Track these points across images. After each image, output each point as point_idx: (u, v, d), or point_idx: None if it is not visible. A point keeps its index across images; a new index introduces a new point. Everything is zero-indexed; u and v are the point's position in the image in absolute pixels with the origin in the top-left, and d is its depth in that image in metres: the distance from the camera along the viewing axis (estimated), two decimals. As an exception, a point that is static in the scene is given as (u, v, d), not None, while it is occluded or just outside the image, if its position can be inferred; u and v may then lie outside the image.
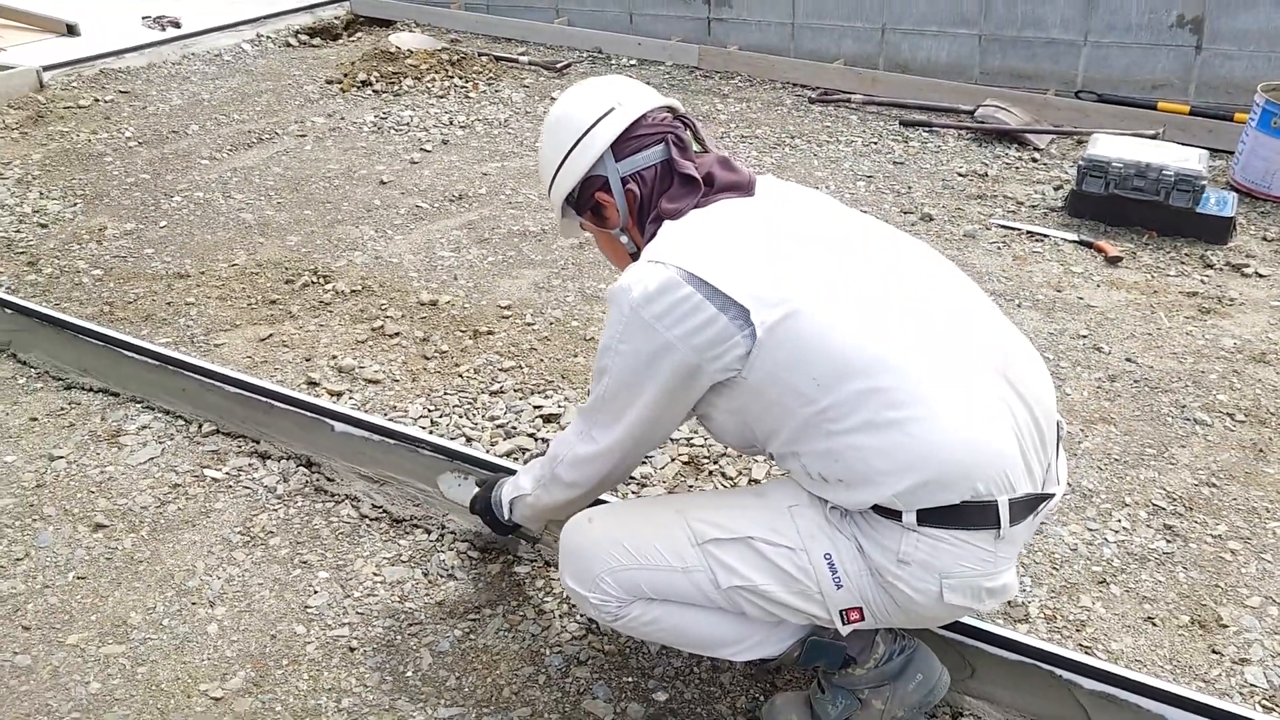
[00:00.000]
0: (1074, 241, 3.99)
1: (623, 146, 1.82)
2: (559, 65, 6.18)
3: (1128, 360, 3.19)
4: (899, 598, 1.63)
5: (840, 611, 1.67)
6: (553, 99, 5.69)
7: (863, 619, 1.68)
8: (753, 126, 5.24)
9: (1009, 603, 2.26)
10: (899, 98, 5.53)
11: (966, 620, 2.03)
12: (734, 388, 1.67)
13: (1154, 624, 2.22)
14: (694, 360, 1.63)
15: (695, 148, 1.88)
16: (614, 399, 1.74)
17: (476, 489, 2.31)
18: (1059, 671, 1.97)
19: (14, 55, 6.04)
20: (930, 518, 1.58)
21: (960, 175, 4.63)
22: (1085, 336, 3.32)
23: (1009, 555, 1.65)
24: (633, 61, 6.37)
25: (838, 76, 5.82)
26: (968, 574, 1.61)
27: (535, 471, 2.02)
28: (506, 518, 2.13)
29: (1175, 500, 2.59)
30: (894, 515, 1.60)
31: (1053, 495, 1.69)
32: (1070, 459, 2.73)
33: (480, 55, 6.34)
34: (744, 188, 1.80)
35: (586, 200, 1.88)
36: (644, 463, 2.63)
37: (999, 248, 3.95)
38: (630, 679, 2.06)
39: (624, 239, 1.90)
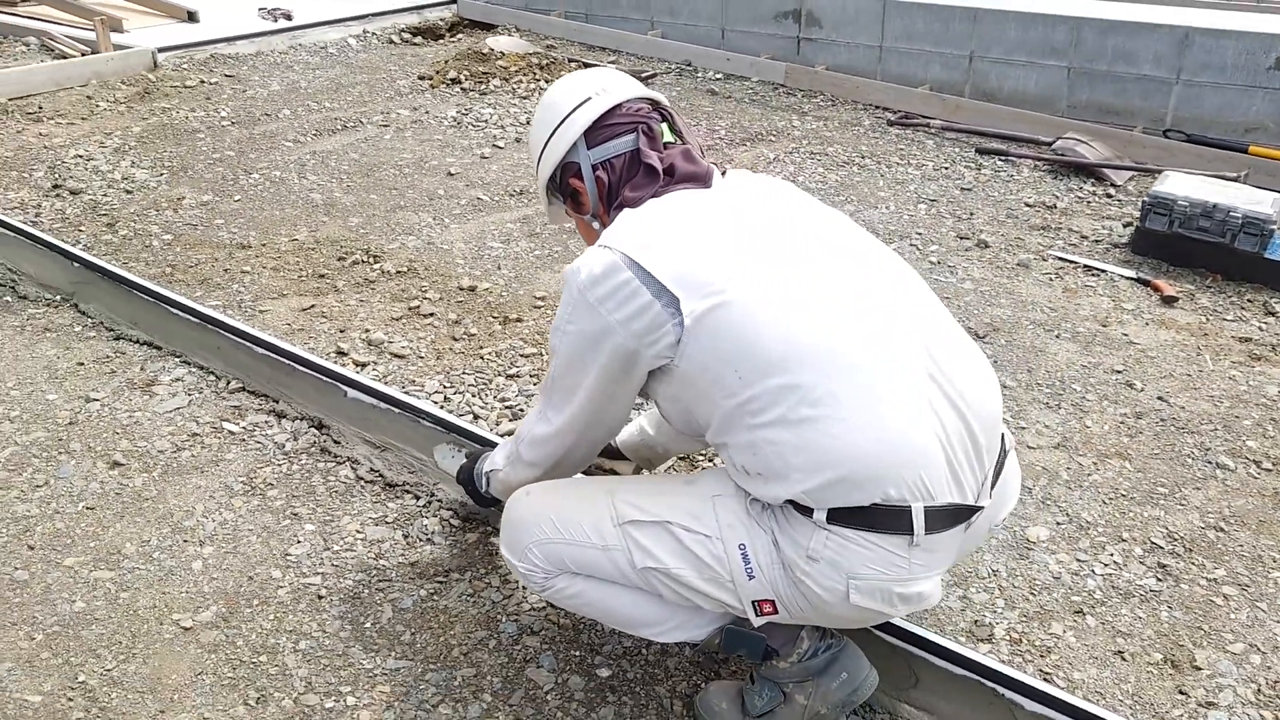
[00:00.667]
0: (1130, 278, 3.88)
1: (595, 134, 1.86)
2: (644, 75, 6.27)
3: (1159, 399, 3.09)
4: (809, 594, 1.64)
5: (753, 603, 1.68)
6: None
7: (776, 612, 1.69)
8: (825, 144, 5.24)
9: (975, 621, 2.23)
10: (979, 125, 5.45)
11: (914, 630, 2.02)
12: (669, 375, 1.70)
13: (1123, 658, 2.16)
14: (632, 345, 1.67)
15: (670, 139, 1.90)
16: (563, 379, 1.79)
17: (465, 459, 2.38)
18: (1002, 690, 1.94)
19: (135, 36, 6.42)
20: (840, 517, 1.58)
21: (1027, 205, 4.55)
22: (1120, 372, 3.23)
23: (927, 563, 1.63)
24: (719, 76, 6.43)
25: (921, 101, 5.77)
26: (876, 577, 1.60)
27: (506, 448, 2.08)
28: (484, 490, 2.19)
29: (1176, 540, 2.51)
30: (807, 512, 1.60)
31: (981, 508, 1.67)
32: (1074, 490, 2.67)
33: (570, 61, 6.48)
34: (700, 179, 1.82)
35: (565, 185, 1.93)
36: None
37: (1051, 279, 3.86)
38: (578, 653, 2.10)
39: (596, 225, 1.94)
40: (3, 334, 3.23)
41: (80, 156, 4.71)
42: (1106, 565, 2.42)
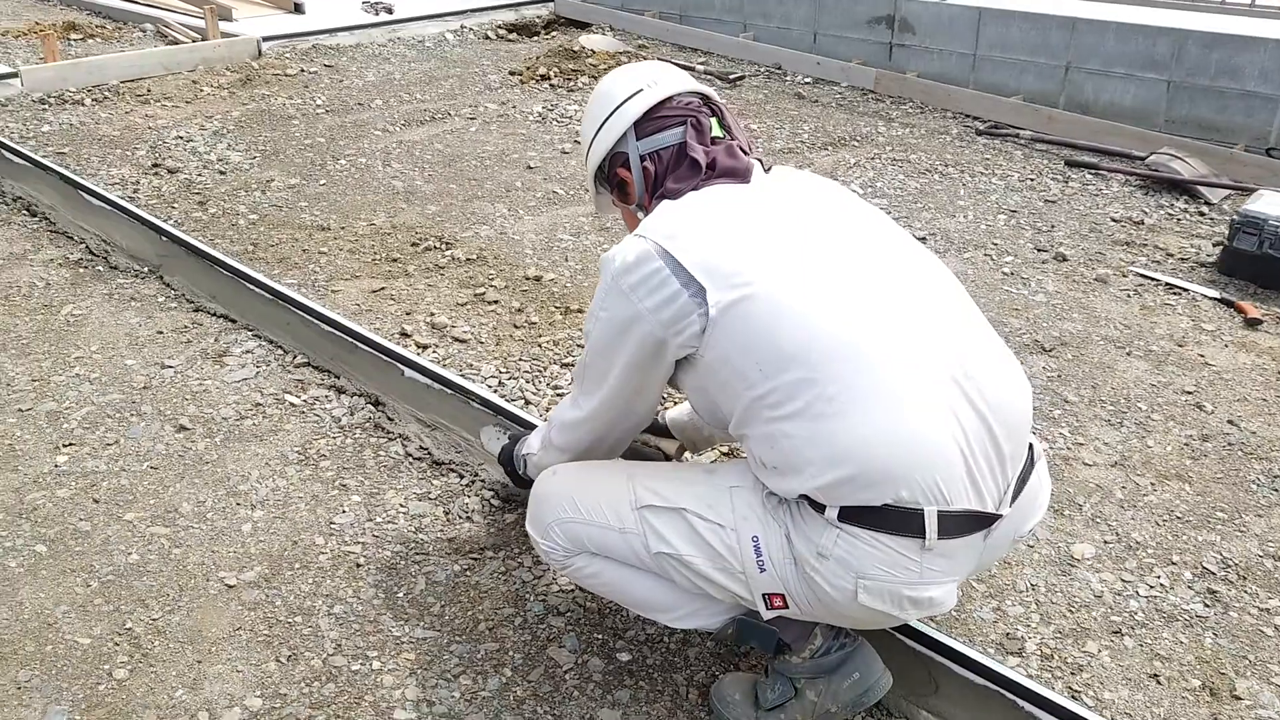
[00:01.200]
0: (1213, 299, 3.75)
1: (645, 126, 1.88)
2: (732, 76, 6.28)
3: (1229, 423, 2.98)
4: (818, 591, 1.63)
5: (764, 595, 1.69)
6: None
7: (786, 606, 1.69)
8: (908, 151, 5.17)
9: (1007, 634, 2.19)
10: (1071, 138, 5.32)
11: (937, 636, 1.99)
12: (694, 365, 1.71)
13: (1158, 681, 2.09)
14: (660, 334, 1.68)
15: (718, 133, 1.91)
16: (594, 365, 1.82)
17: (509, 440, 2.44)
18: (1024, 704, 1.90)
19: (242, 25, 6.68)
20: (852, 516, 1.58)
21: (1114, 220, 4.42)
22: (1190, 393, 3.13)
23: (941, 569, 1.62)
24: (808, 80, 6.40)
25: (1013, 111, 5.66)
26: (886, 579, 1.59)
27: (541, 431, 2.12)
28: (522, 471, 2.24)
29: (1230, 567, 2.42)
30: (821, 508, 1.60)
31: (1001, 516, 1.64)
32: (1126, 510, 2.60)
33: (660, 60, 6.52)
34: (739, 174, 1.83)
35: (612, 175, 1.97)
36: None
37: (1129, 295, 3.76)
38: (600, 636, 2.13)
39: (640, 215, 1.96)
40: (92, 301, 3.40)
41: (180, 138, 4.92)
42: (1152, 587, 2.35)
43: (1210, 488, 2.70)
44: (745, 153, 1.89)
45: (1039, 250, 4.11)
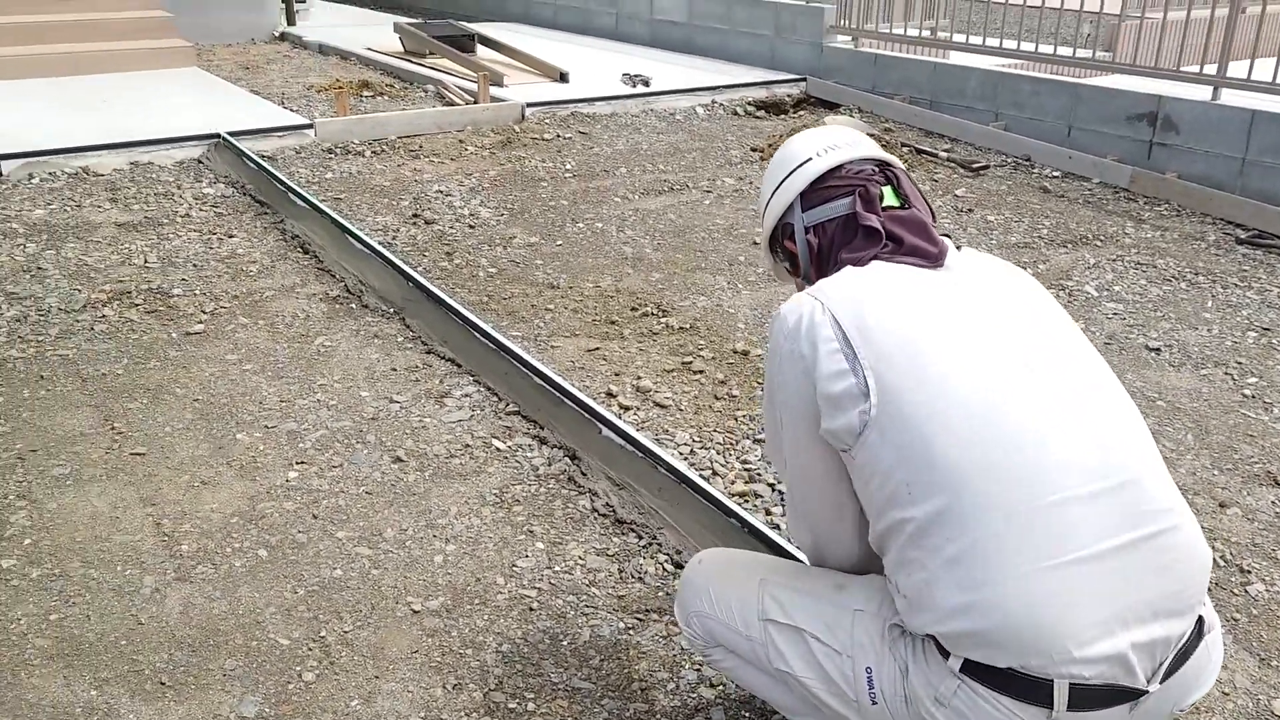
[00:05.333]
0: None
1: (811, 196, 1.80)
2: (975, 165, 6.18)
3: None
4: None
5: None
6: (956, 195, 5.73)
7: None
8: (1155, 255, 4.92)
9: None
10: (1347, 255, 4.89)
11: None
12: (846, 461, 1.64)
13: None
14: (816, 410, 1.61)
15: (893, 202, 1.78)
16: (770, 425, 1.77)
17: None
18: None
19: (511, 91, 7.21)
20: (975, 671, 1.49)
21: (1385, 349, 4.03)
22: None
23: None
24: (1056, 173, 6.20)
25: (1282, 221, 5.27)
26: None
27: None
28: None
29: None
30: (945, 653, 1.52)
31: (1147, 692, 1.48)
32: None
33: (903, 145, 6.52)
34: (931, 257, 1.71)
35: (782, 246, 1.89)
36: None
37: (1390, 433, 3.41)
38: (748, 714, 2.15)
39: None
40: (341, 335, 3.78)
41: (441, 192, 5.37)
42: (1365, 761, 2.13)
43: None
44: (931, 226, 1.77)
45: (1290, 374, 3.81)
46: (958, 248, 1.78)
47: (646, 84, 7.67)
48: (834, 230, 1.78)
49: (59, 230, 4.72)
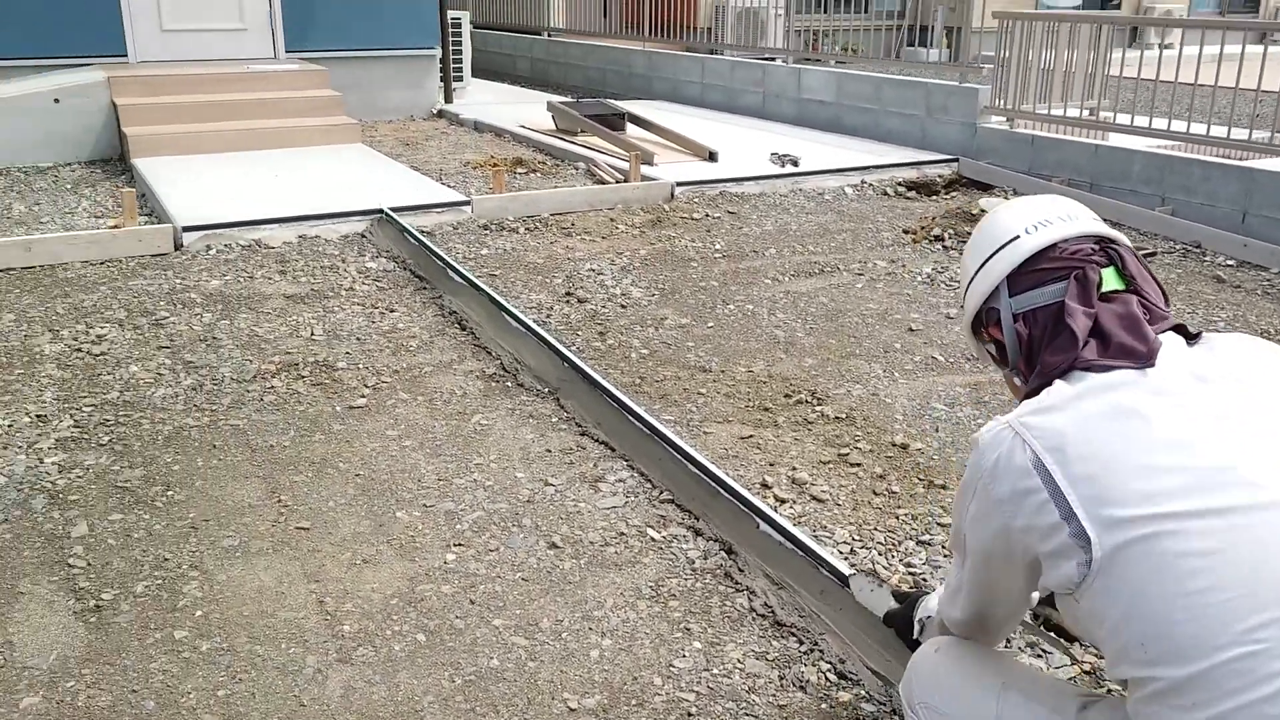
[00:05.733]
0: None
1: (1020, 279, 1.65)
2: (1144, 252, 5.92)
3: None
4: None
5: None
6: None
7: None
8: (1348, 354, 4.59)
9: None
10: None
11: None
12: (1067, 602, 1.54)
13: None
14: (1029, 556, 1.55)
15: (1115, 286, 1.62)
16: (957, 547, 1.72)
17: (891, 597, 2.47)
18: None
19: (661, 170, 7.30)
20: None
21: None
22: None
23: None
24: (1230, 262, 5.90)
25: None
26: None
27: (939, 593, 2.07)
28: (917, 635, 2.21)
29: None
30: None
31: None
32: None
33: (1062, 230, 6.30)
34: (1140, 357, 1.53)
35: (986, 331, 1.76)
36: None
37: None
38: None
39: (1019, 381, 1.72)
40: (498, 414, 3.82)
41: (593, 270, 5.44)
42: None
43: None
44: (1152, 316, 1.59)
45: None
46: (1193, 334, 1.60)
47: (795, 163, 7.66)
48: (1045, 320, 1.64)
49: (233, 301, 4.95)
